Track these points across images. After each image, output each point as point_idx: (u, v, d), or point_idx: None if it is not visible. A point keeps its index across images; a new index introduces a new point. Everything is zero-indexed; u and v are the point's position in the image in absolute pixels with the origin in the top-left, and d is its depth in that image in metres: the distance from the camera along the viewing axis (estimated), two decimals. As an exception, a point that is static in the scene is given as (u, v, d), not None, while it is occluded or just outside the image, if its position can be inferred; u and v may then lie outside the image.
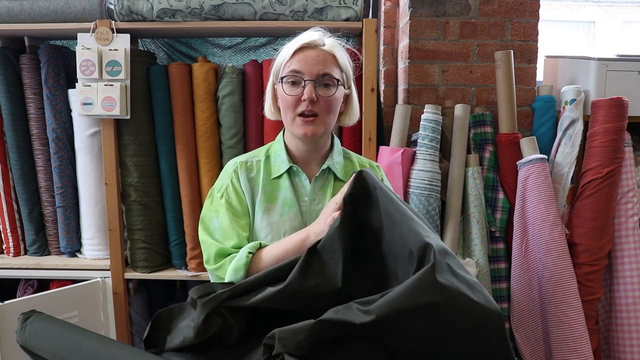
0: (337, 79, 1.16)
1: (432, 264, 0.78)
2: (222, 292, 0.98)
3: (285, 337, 0.83)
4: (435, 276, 0.77)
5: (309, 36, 1.16)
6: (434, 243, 0.82)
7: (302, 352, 0.83)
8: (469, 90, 1.93)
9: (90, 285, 1.71)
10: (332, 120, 1.19)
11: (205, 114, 1.73)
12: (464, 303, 0.78)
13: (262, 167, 1.23)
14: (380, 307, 0.78)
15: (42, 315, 1.16)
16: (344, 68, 1.19)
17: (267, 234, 1.18)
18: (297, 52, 1.15)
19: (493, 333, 0.81)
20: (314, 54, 1.14)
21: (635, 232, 1.74)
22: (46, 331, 1.11)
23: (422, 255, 0.82)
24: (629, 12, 9.51)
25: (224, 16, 1.65)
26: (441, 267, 0.79)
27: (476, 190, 1.75)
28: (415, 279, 0.78)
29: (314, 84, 1.13)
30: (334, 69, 1.16)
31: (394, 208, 0.92)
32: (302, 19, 1.65)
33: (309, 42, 1.15)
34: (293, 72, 1.14)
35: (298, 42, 1.15)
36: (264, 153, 1.26)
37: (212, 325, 0.98)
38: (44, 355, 1.09)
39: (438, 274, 0.77)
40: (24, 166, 1.80)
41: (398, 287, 0.79)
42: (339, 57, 1.18)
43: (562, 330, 1.65)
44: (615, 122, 1.69)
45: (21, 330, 1.13)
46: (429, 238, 0.83)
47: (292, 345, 0.82)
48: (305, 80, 1.13)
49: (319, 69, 1.13)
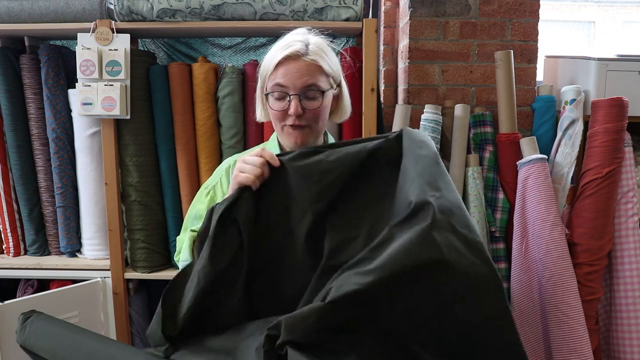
0: (323, 90, 1.12)
1: (430, 221, 0.76)
2: (231, 199, 0.96)
3: (292, 323, 0.79)
4: (432, 233, 0.75)
5: (293, 45, 1.11)
6: (436, 203, 0.79)
7: (310, 339, 0.79)
8: (469, 90, 1.93)
9: (90, 285, 1.71)
10: (321, 126, 1.17)
11: (205, 114, 1.73)
12: (460, 262, 0.76)
13: None
14: (379, 270, 0.76)
15: (42, 315, 1.16)
16: (331, 72, 1.15)
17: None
18: (280, 64, 1.11)
19: (492, 294, 0.79)
20: (297, 66, 1.10)
21: (635, 232, 1.74)
22: (46, 331, 1.11)
23: (418, 208, 0.80)
24: (629, 12, 9.51)
25: (224, 16, 1.65)
26: (440, 224, 0.77)
27: (476, 190, 1.75)
28: (411, 236, 0.76)
29: (299, 97, 1.10)
30: (319, 79, 1.12)
31: (415, 168, 0.89)
32: (302, 19, 1.65)
33: (291, 53, 1.10)
34: (277, 87, 1.11)
35: (281, 53, 1.10)
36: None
37: (227, 236, 0.95)
38: (44, 355, 1.09)
39: (435, 231, 0.76)
40: (24, 166, 1.80)
41: (393, 248, 0.77)
42: (324, 64, 1.12)
43: (562, 330, 1.65)
44: (615, 122, 1.69)
45: (21, 330, 1.13)
46: (434, 197, 0.81)
47: (299, 331, 0.78)
48: (290, 95, 1.10)
49: (304, 82, 1.10)
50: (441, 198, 0.82)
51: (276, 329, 0.80)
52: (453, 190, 0.88)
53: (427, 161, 0.91)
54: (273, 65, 1.11)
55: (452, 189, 0.88)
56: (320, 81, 1.12)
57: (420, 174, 0.88)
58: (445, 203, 0.81)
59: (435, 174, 0.88)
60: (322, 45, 1.15)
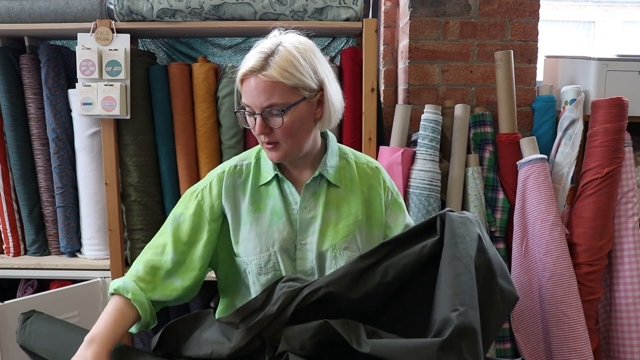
0: (281, 109, 1.03)
1: (442, 339, 0.79)
2: (265, 316, 0.97)
3: (291, 335, 0.85)
4: (437, 353, 0.78)
5: (252, 58, 1.04)
6: (457, 321, 0.82)
7: (305, 352, 0.84)
8: (469, 90, 1.93)
9: (90, 285, 1.71)
10: (297, 141, 1.09)
11: (205, 114, 1.73)
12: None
13: (252, 171, 1.19)
14: (377, 346, 0.81)
15: (42, 315, 1.16)
16: (299, 83, 1.04)
17: (256, 246, 1.14)
18: (243, 80, 1.06)
19: None
20: (254, 84, 1.03)
21: (635, 232, 1.74)
22: (46, 331, 1.11)
23: (440, 328, 0.83)
24: (629, 12, 9.52)
25: (224, 16, 1.65)
26: (450, 346, 0.79)
27: (476, 190, 1.75)
28: (419, 343, 0.80)
29: (262, 117, 1.04)
30: (279, 96, 1.03)
31: (447, 271, 0.91)
32: (302, 19, 1.65)
33: (248, 70, 1.04)
34: (244, 105, 1.07)
35: (242, 69, 1.05)
36: (254, 155, 1.21)
37: (252, 346, 0.98)
38: (44, 355, 1.09)
39: (442, 351, 0.78)
40: (24, 166, 1.80)
41: (402, 341, 0.81)
42: (286, 79, 1.02)
43: (562, 330, 1.65)
44: (615, 122, 1.69)
45: (21, 330, 1.13)
46: (457, 313, 0.83)
47: (297, 343, 0.84)
48: (255, 115, 1.05)
49: (262, 101, 1.03)
50: (463, 315, 0.84)
51: (277, 339, 0.87)
52: (476, 301, 0.89)
53: (460, 267, 0.91)
54: (238, 80, 1.07)
55: (474, 296, 0.89)
56: (280, 99, 1.03)
57: (446, 275, 0.90)
58: (467, 322, 0.83)
59: (464, 283, 0.90)
60: (289, 53, 1.04)
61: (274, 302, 0.97)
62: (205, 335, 1.05)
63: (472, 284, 0.89)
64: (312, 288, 0.95)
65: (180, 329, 1.08)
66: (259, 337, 0.98)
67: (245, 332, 0.97)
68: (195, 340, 1.05)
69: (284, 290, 0.98)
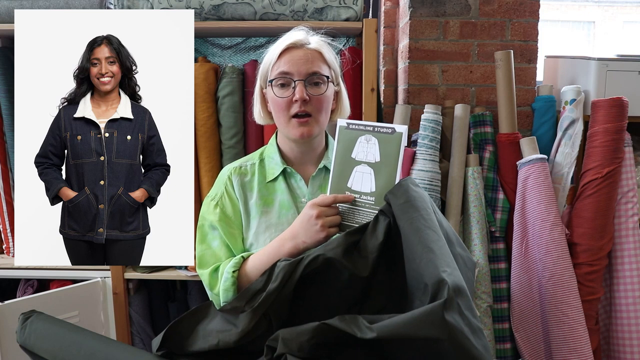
0: (326, 76, 1.15)
1: (444, 300, 0.79)
2: (269, 294, 0.98)
3: (288, 337, 0.85)
4: (443, 313, 0.78)
5: (294, 36, 1.15)
6: (449, 280, 0.82)
7: (303, 354, 0.84)
8: (469, 90, 1.93)
9: (90, 285, 1.71)
10: (325, 119, 1.18)
11: (205, 114, 1.73)
12: (463, 345, 0.79)
13: (257, 171, 1.22)
14: (383, 328, 0.80)
15: (42, 315, 1.16)
16: (332, 65, 1.18)
17: (266, 238, 1.17)
18: (284, 53, 1.14)
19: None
20: (301, 53, 1.13)
21: (635, 232, 1.74)
22: (46, 331, 1.11)
23: (436, 290, 0.83)
24: (629, 12, 9.53)
25: (224, 16, 1.65)
26: (452, 305, 0.80)
27: (476, 190, 1.75)
28: (423, 311, 0.79)
29: (304, 83, 1.12)
30: (322, 67, 1.15)
31: (416, 237, 0.91)
32: (302, 19, 1.65)
33: (295, 42, 1.14)
34: (282, 74, 1.13)
35: (283, 43, 1.14)
36: (257, 156, 1.26)
37: (260, 328, 0.99)
38: (44, 355, 1.10)
39: (447, 311, 0.78)
40: (24, 166, 1.79)
41: (405, 314, 0.80)
42: (326, 55, 1.16)
43: (562, 330, 1.65)
44: (615, 122, 1.69)
45: (21, 330, 1.13)
46: (446, 273, 0.84)
47: (294, 346, 0.84)
48: (295, 80, 1.12)
49: (308, 68, 1.12)
50: (452, 275, 0.84)
51: (276, 340, 0.86)
52: (455, 264, 0.90)
53: (422, 223, 0.93)
54: (277, 54, 1.14)
55: (452, 259, 0.90)
56: (323, 69, 1.15)
57: (422, 244, 0.90)
58: (457, 281, 0.84)
59: (441, 247, 0.91)
60: (322, 40, 1.19)
61: (274, 280, 0.98)
62: (210, 327, 1.05)
63: (447, 249, 0.91)
64: (310, 257, 0.97)
65: (183, 326, 1.08)
66: (266, 317, 0.99)
67: (252, 313, 0.98)
68: (200, 334, 1.05)
69: (283, 264, 0.99)
